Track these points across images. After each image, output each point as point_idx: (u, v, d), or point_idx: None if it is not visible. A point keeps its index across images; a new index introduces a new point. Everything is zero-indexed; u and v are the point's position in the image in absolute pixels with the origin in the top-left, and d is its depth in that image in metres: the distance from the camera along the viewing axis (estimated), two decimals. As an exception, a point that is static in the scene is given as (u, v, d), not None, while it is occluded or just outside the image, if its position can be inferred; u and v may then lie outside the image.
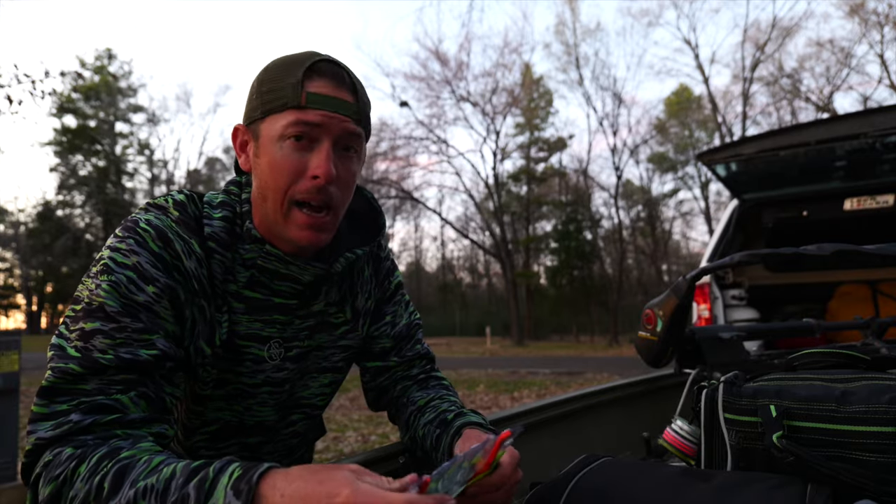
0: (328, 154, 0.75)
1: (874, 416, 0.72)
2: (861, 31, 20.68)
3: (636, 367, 9.93)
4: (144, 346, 0.69)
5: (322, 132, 0.75)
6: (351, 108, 0.76)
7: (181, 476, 0.56)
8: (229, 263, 0.79)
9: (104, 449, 0.62)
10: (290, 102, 0.73)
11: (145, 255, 0.72)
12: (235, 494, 0.52)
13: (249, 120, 0.79)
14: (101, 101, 30.12)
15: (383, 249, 1.02)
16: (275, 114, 0.75)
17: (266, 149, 0.76)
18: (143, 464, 0.60)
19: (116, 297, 0.69)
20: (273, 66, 0.78)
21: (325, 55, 0.78)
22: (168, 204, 0.78)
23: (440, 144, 25.17)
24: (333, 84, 0.76)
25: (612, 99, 25.22)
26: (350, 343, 0.96)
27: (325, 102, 0.74)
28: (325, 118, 0.74)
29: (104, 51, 30.31)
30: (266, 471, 0.54)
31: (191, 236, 0.76)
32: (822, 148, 2.86)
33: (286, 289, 0.83)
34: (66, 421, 0.63)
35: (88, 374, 0.65)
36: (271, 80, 0.76)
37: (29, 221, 32.41)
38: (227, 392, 0.85)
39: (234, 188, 0.84)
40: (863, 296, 3.44)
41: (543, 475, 0.93)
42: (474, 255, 37.82)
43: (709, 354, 1.17)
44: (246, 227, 0.79)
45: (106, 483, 0.58)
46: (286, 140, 0.74)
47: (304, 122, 0.74)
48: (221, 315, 0.79)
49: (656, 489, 0.76)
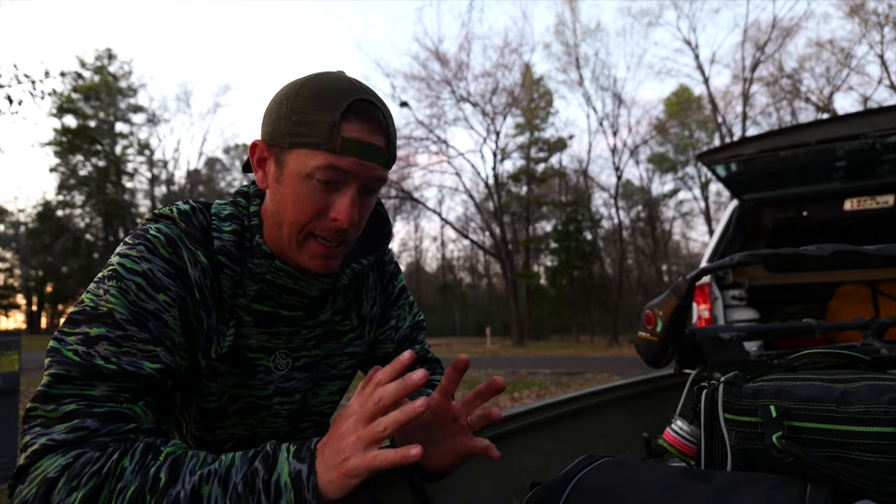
0: (353, 200, 0.74)
1: (874, 416, 0.72)
2: (861, 32, 20.70)
3: (636, 367, 9.93)
4: (148, 358, 0.67)
5: (351, 177, 0.73)
6: (383, 155, 0.75)
7: (239, 461, 0.62)
8: (238, 277, 0.79)
9: (140, 445, 0.61)
10: (324, 145, 0.71)
11: (157, 262, 0.72)
12: (299, 461, 0.61)
13: (273, 142, 0.75)
14: (101, 101, 30.11)
15: (387, 254, 1.02)
16: (304, 149, 0.72)
17: (290, 180, 0.74)
18: (193, 456, 0.62)
19: (125, 303, 0.68)
20: (308, 95, 0.72)
21: (363, 92, 0.74)
22: (174, 214, 0.78)
23: (440, 145, 25.20)
24: (369, 128, 0.73)
25: (612, 99, 25.26)
26: (357, 350, 0.96)
27: (359, 149, 0.72)
28: (357, 166, 0.72)
29: (104, 51, 30.31)
30: (317, 441, 0.64)
31: (196, 247, 0.76)
32: (822, 148, 2.86)
33: (293, 302, 0.84)
34: (82, 426, 0.61)
35: (93, 380, 0.64)
36: (303, 110, 0.72)
37: (29, 221, 32.43)
38: (239, 407, 0.85)
39: (243, 200, 0.83)
40: (863, 296, 3.44)
41: (543, 475, 0.93)
42: (474, 255, 37.88)
43: (709, 355, 1.17)
44: (256, 241, 0.79)
45: (162, 473, 0.59)
46: (313, 180, 0.72)
47: (335, 167, 0.71)
48: (227, 328, 0.79)
49: (656, 489, 0.76)
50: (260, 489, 0.60)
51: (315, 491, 0.60)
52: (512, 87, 25.40)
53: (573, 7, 26.04)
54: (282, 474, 0.60)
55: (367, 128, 0.73)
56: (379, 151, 0.74)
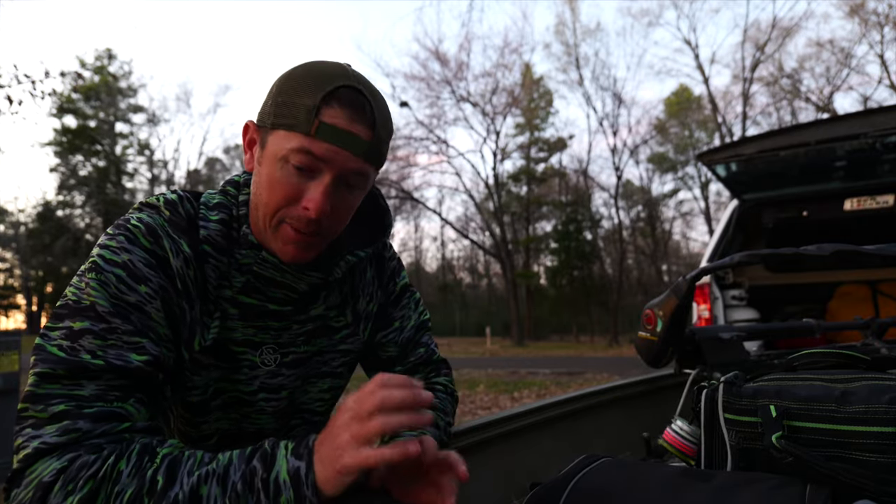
0: (325, 190, 0.71)
1: (874, 416, 0.72)
2: (861, 32, 20.69)
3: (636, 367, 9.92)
4: (135, 350, 0.66)
5: (325, 165, 0.71)
6: (362, 146, 0.71)
7: (237, 459, 0.62)
8: (224, 268, 0.77)
9: (136, 447, 0.61)
10: (300, 127, 0.69)
11: (138, 252, 0.70)
12: (297, 458, 0.61)
13: (261, 123, 0.75)
14: (101, 102, 30.07)
15: (388, 249, 0.99)
16: (283, 130, 0.71)
17: (268, 161, 0.73)
18: (190, 457, 0.61)
19: (107, 296, 0.67)
20: (296, 76, 0.72)
21: (353, 78, 0.72)
22: (160, 203, 0.76)
23: (440, 145, 25.20)
24: (350, 116, 0.70)
25: (612, 99, 25.25)
26: (350, 347, 0.93)
27: (335, 136, 0.69)
28: (332, 153, 0.70)
29: (104, 51, 30.25)
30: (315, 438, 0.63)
31: (180, 236, 0.74)
32: (822, 148, 2.85)
33: (281, 296, 0.81)
34: (74, 428, 0.60)
35: (80, 378, 0.62)
36: (289, 91, 0.71)
37: (29, 221, 32.38)
38: (223, 401, 0.83)
39: (232, 189, 0.82)
40: (863, 296, 3.44)
41: (543, 475, 0.93)
42: (474, 255, 37.85)
43: (709, 355, 1.17)
44: (243, 231, 0.77)
45: (160, 476, 0.58)
46: (288, 164, 0.71)
47: (309, 152, 0.69)
48: (211, 320, 0.77)
49: (656, 489, 0.76)
50: (259, 487, 0.60)
51: (314, 488, 0.60)
52: (512, 87, 25.42)
53: (573, 7, 26.06)
54: (280, 472, 0.60)
55: (349, 115, 0.70)
56: (358, 142, 0.71)
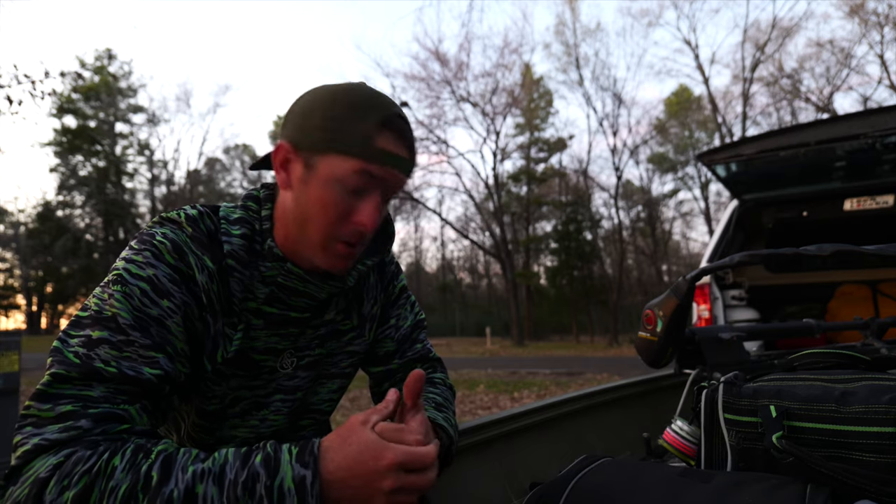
0: (377, 207, 0.78)
1: (874, 416, 0.72)
2: (861, 32, 20.68)
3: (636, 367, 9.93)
4: (148, 364, 0.67)
5: (379, 185, 0.77)
6: (408, 167, 0.80)
7: (235, 459, 0.62)
8: (248, 280, 0.80)
9: (131, 445, 0.61)
10: (356, 152, 0.74)
11: (162, 268, 0.72)
12: (303, 466, 0.61)
13: (303, 146, 0.77)
14: (101, 102, 30.09)
15: (388, 254, 1.03)
16: (336, 154, 0.74)
17: (319, 184, 0.76)
18: (185, 453, 0.62)
19: (129, 308, 0.68)
20: (343, 102, 0.75)
21: (395, 107, 0.78)
22: (181, 219, 0.78)
23: (440, 145, 25.18)
24: (399, 141, 0.77)
25: (612, 99, 25.19)
26: (357, 349, 0.98)
27: (390, 159, 0.76)
28: (387, 174, 0.77)
29: (104, 51, 30.32)
30: (319, 443, 0.64)
31: (203, 252, 0.76)
32: (822, 148, 2.86)
33: (302, 304, 0.85)
34: (76, 426, 0.61)
35: (91, 381, 0.64)
36: (341, 117, 0.75)
37: (29, 221, 32.38)
38: (241, 408, 0.86)
39: (253, 204, 0.84)
40: (863, 296, 3.45)
41: (543, 475, 0.93)
42: (474, 255, 37.90)
43: (709, 355, 1.17)
44: (267, 244, 0.80)
45: (154, 472, 0.58)
46: (344, 185, 0.75)
47: (369, 174, 0.75)
48: (234, 332, 0.79)
49: (656, 489, 0.76)
50: (262, 494, 0.60)
51: (318, 498, 0.60)
52: (512, 87, 25.38)
53: (573, 7, 25.99)
54: (285, 479, 0.60)
55: (398, 140, 0.77)
56: (405, 162, 0.79)
